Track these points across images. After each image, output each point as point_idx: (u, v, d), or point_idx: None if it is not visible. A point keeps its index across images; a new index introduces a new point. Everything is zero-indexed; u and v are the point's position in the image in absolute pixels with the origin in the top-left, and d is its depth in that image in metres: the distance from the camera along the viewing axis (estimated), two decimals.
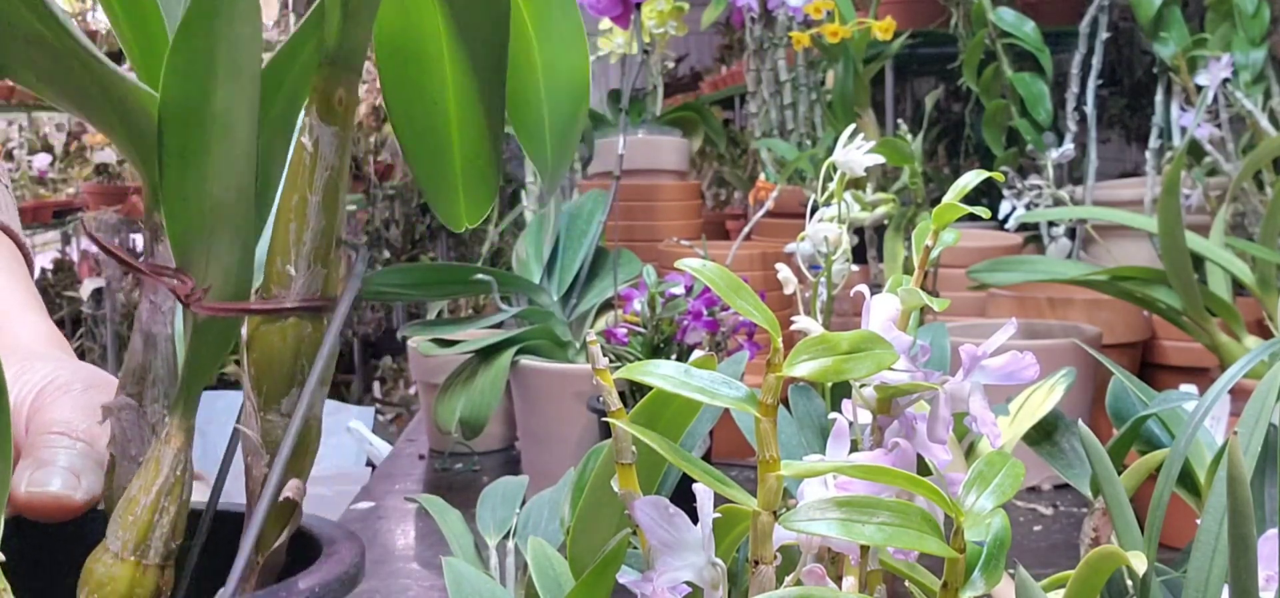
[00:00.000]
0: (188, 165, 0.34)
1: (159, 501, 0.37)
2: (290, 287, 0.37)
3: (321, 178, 0.37)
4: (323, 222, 0.37)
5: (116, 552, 0.37)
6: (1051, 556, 0.97)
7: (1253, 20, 1.32)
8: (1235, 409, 0.61)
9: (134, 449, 0.38)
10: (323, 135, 0.36)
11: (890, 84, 1.98)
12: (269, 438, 0.38)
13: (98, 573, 0.36)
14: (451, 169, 0.41)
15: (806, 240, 0.80)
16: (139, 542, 0.37)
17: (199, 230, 0.36)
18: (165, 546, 0.37)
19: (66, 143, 5.10)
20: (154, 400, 0.39)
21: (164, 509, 0.37)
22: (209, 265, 0.36)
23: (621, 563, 0.47)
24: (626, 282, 1.17)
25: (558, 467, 0.77)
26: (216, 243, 0.36)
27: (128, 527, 0.37)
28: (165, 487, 0.37)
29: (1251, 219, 1.24)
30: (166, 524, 0.37)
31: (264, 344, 0.37)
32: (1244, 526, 0.35)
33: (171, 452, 0.37)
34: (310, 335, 0.37)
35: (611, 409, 0.43)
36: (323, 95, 0.37)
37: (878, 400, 0.47)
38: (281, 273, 0.37)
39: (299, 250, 0.37)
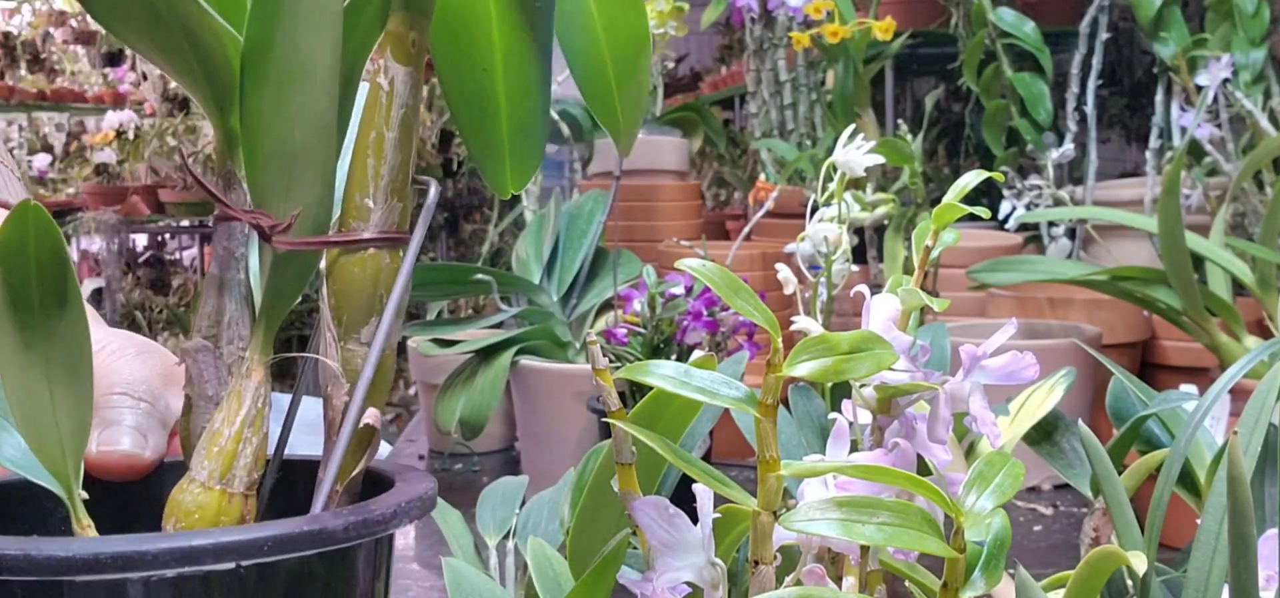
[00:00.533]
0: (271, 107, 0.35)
1: (242, 431, 0.38)
2: (369, 219, 0.39)
3: (397, 115, 0.38)
4: (399, 157, 0.39)
5: (203, 481, 0.38)
6: (1051, 556, 0.97)
7: (1253, 20, 1.33)
8: (1235, 409, 0.61)
9: (211, 390, 0.40)
10: (397, 75, 0.38)
11: (890, 84, 1.98)
12: (349, 367, 0.39)
13: (185, 502, 0.38)
14: (499, 134, 0.42)
15: (806, 240, 0.80)
16: (225, 471, 0.38)
17: (279, 170, 0.37)
18: (248, 475, 0.38)
19: (66, 143, 5.10)
20: (230, 342, 0.40)
21: (247, 439, 0.38)
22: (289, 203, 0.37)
23: (621, 563, 0.47)
24: (626, 282, 1.18)
25: (558, 467, 0.77)
26: (297, 181, 0.37)
27: (213, 457, 0.38)
28: (248, 418, 0.38)
29: (1251, 219, 1.24)
30: (249, 454, 0.38)
31: (344, 275, 0.39)
32: (1244, 526, 0.35)
33: (253, 385, 0.39)
34: (388, 266, 0.39)
35: (611, 409, 0.43)
36: (398, 38, 0.38)
37: (878, 400, 0.47)
38: (360, 206, 0.39)
39: (377, 184, 0.39)
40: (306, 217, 0.38)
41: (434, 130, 4.14)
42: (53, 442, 0.37)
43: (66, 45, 5.52)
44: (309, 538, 0.34)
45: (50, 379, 0.36)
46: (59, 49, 5.48)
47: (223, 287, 0.40)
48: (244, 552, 0.33)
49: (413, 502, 0.38)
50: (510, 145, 0.43)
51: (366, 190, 0.39)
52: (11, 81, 5.13)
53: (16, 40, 5.35)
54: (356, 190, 0.39)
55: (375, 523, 0.36)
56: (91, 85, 5.35)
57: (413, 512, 0.38)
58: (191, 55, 0.36)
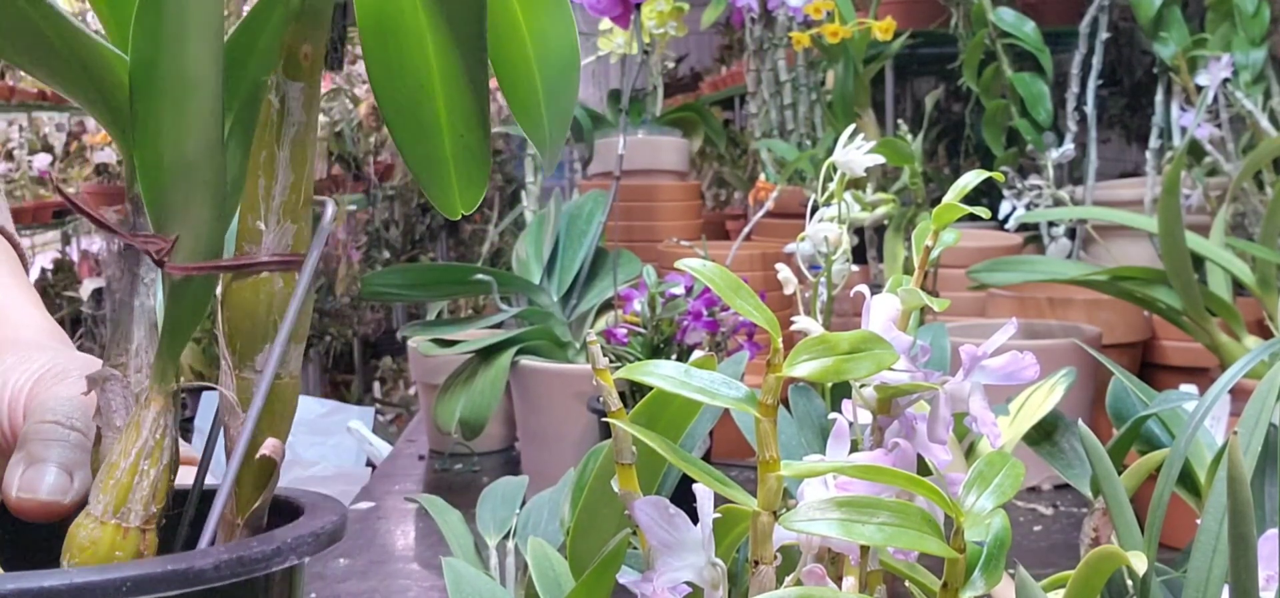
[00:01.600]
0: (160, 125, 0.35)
1: (138, 463, 0.37)
2: (261, 242, 0.37)
3: (289, 133, 0.37)
4: (291, 177, 0.37)
5: (98, 515, 0.37)
6: (1051, 556, 0.97)
7: (1253, 20, 1.33)
8: (1235, 409, 0.61)
9: (119, 420, 0.39)
10: (289, 91, 0.37)
11: (890, 84, 1.98)
12: (244, 396, 0.38)
13: (80, 538, 0.37)
14: (442, 150, 0.40)
15: (806, 240, 0.80)
16: (119, 504, 0.37)
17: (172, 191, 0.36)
18: (145, 508, 0.37)
19: (66, 143, 5.10)
20: (138, 370, 0.39)
21: (143, 472, 0.37)
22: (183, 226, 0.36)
23: (621, 563, 0.47)
24: (626, 282, 1.17)
25: (558, 467, 0.77)
26: (189, 203, 0.36)
27: (108, 490, 0.37)
28: (144, 449, 0.37)
29: (1251, 219, 1.24)
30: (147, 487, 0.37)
31: (237, 301, 0.38)
32: (1244, 526, 0.35)
33: (151, 415, 0.37)
34: (282, 291, 0.38)
35: (611, 409, 0.43)
36: (289, 51, 0.37)
37: (878, 400, 0.47)
38: (252, 229, 0.37)
39: (268, 206, 0.37)
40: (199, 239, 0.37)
41: None
42: None
43: None
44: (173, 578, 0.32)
45: None
46: None
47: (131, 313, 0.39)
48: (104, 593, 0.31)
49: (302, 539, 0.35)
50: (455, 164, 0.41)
51: (258, 212, 0.37)
52: (11, 81, 5.13)
53: None
54: (249, 213, 0.38)
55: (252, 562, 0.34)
56: None
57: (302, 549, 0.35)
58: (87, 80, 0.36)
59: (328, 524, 0.37)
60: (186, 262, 0.37)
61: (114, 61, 0.35)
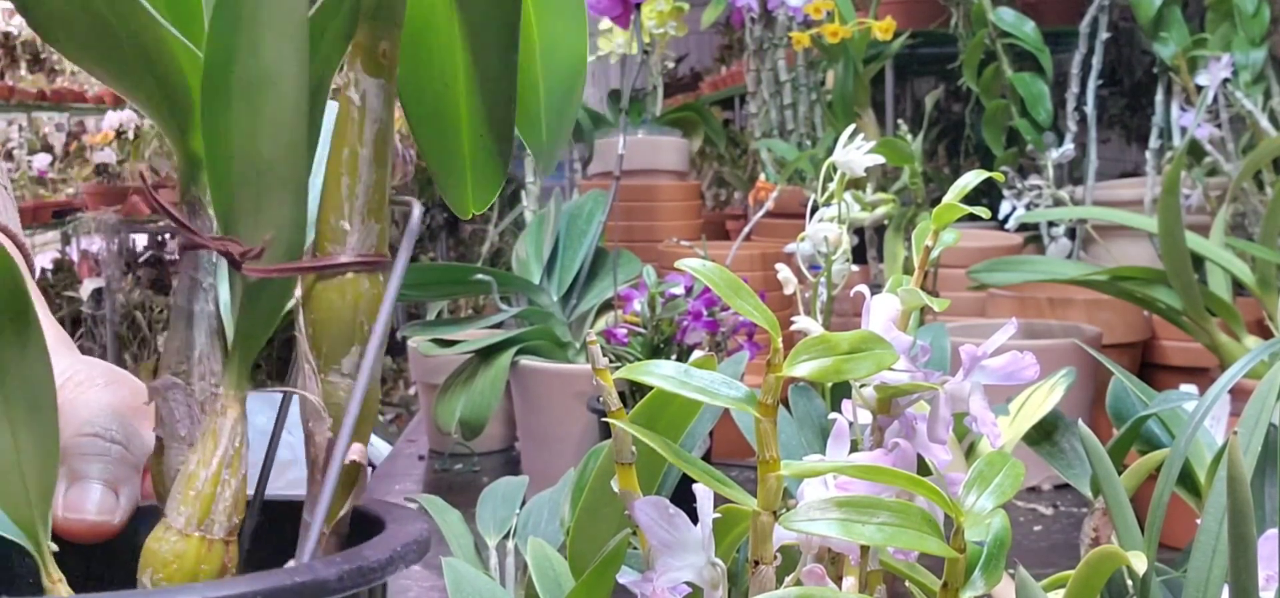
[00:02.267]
0: (234, 123, 0.34)
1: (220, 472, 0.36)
2: (345, 242, 0.37)
3: (371, 131, 0.36)
4: (374, 175, 0.37)
5: (180, 528, 0.36)
6: (1051, 556, 0.97)
7: (1253, 20, 1.32)
8: (1235, 409, 0.61)
9: (182, 429, 0.38)
10: (370, 88, 0.36)
11: (890, 84, 1.98)
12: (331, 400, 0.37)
13: (162, 552, 0.36)
14: (460, 153, 0.40)
15: (806, 240, 0.80)
16: (203, 517, 0.36)
17: (248, 192, 0.35)
18: (228, 519, 0.36)
19: (66, 143, 5.10)
20: (201, 378, 0.38)
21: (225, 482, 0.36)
22: (259, 227, 0.35)
23: (621, 563, 0.47)
24: (626, 282, 1.17)
25: (558, 467, 0.77)
26: (267, 203, 0.35)
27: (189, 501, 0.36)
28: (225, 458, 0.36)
29: (1251, 219, 1.24)
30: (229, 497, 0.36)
31: (322, 303, 0.37)
32: (1244, 526, 0.35)
33: (228, 423, 0.37)
34: (369, 292, 0.37)
35: (611, 409, 0.43)
36: (367, 50, 0.36)
37: (878, 400, 0.47)
38: (335, 229, 0.37)
39: (352, 205, 0.37)
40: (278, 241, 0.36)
41: None
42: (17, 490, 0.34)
43: None
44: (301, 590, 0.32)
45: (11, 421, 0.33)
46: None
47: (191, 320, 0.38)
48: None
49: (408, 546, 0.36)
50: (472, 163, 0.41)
51: (341, 212, 0.37)
52: (11, 81, 5.13)
53: (16, 40, 5.35)
54: (331, 212, 0.37)
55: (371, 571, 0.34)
56: (91, 85, 5.35)
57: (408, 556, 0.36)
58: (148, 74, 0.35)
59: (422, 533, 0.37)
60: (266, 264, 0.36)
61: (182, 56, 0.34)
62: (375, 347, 0.37)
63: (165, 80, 0.35)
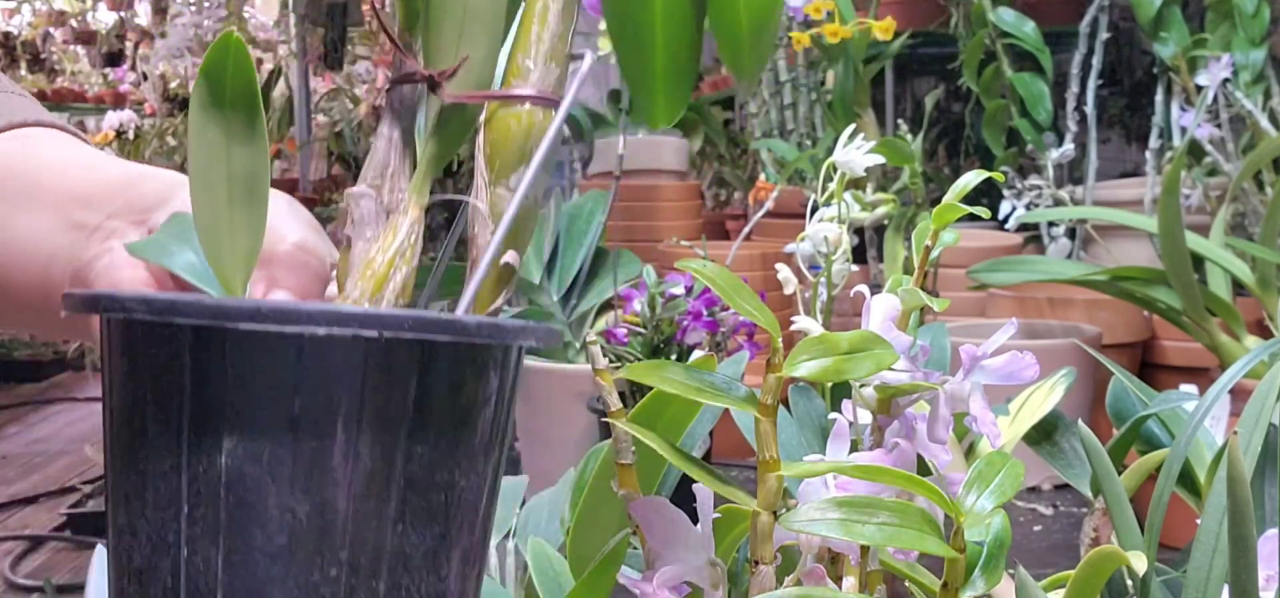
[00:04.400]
0: None
1: (394, 259, 0.42)
2: (528, 79, 0.42)
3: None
4: (560, 26, 0.43)
5: (355, 299, 0.42)
6: (1051, 556, 0.97)
7: (1253, 20, 1.33)
8: (1235, 409, 0.61)
9: (369, 231, 0.43)
10: None
11: (890, 84, 1.99)
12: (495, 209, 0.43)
13: None
14: (653, 68, 0.45)
15: (806, 240, 0.80)
16: (375, 293, 0.42)
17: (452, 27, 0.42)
18: (396, 299, 0.42)
19: None
20: (391, 191, 0.44)
21: (397, 267, 0.42)
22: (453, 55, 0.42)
23: (621, 563, 0.47)
24: (626, 282, 1.18)
25: (558, 467, 0.77)
26: (468, 40, 0.42)
27: (366, 279, 0.42)
28: (400, 249, 0.42)
29: (1251, 219, 1.24)
30: (398, 281, 0.42)
31: (499, 127, 0.43)
32: (1244, 526, 0.35)
33: (407, 222, 0.43)
34: (541, 122, 0.43)
35: (611, 409, 0.43)
36: None
37: (878, 400, 0.47)
38: (521, 67, 0.43)
39: (538, 49, 0.42)
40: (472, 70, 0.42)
41: None
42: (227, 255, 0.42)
43: (66, 45, 5.52)
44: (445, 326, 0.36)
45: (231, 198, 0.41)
46: (59, 49, 5.48)
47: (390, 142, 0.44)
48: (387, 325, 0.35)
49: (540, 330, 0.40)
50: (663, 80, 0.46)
51: (528, 53, 0.42)
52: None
53: (16, 40, 5.35)
54: (520, 52, 0.43)
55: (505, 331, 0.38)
56: (91, 85, 5.35)
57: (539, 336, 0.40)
58: None
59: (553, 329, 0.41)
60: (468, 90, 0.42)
61: None
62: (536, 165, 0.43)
63: None
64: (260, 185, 0.42)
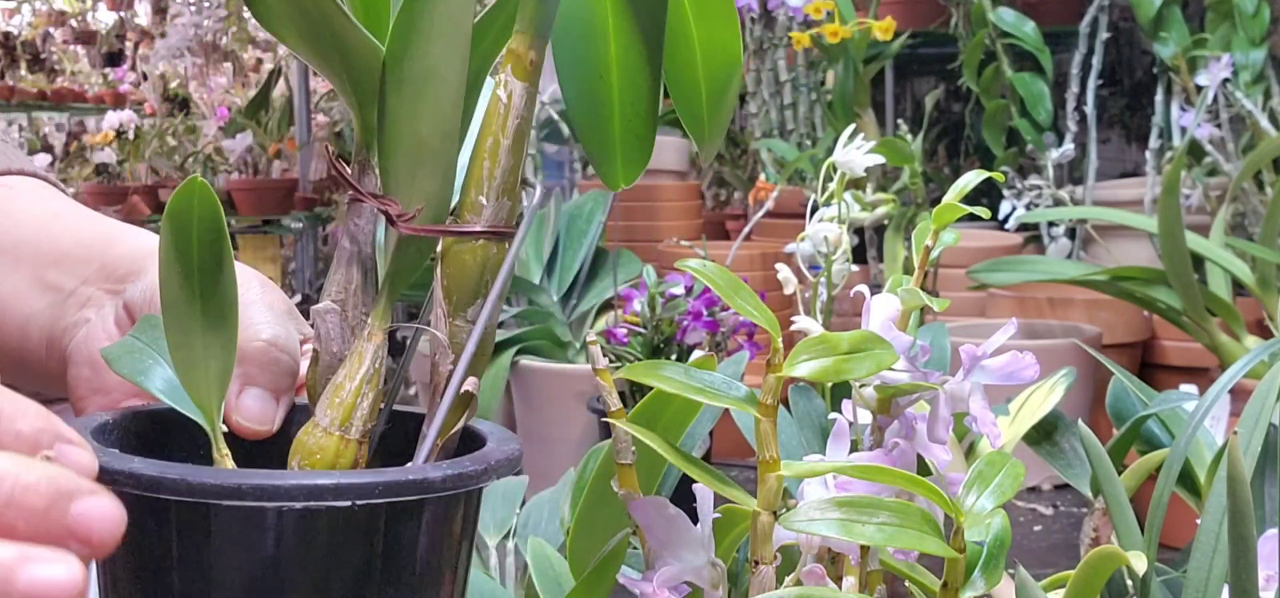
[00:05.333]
0: (404, 109, 0.42)
1: (361, 386, 0.44)
2: (481, 214, 0.44)
3: (512, 125, 0.43)
4: (511, 161, 0.44)
5: (325, 427, 0.44)
6: (1051, 556, 0.97)
7: (1253, 20, 1.33)
8: (1235, 409, 0.61)
9: (335, 347, 0.45)
10: (516, 90, 0.43)
11: (890, 84, 1.99)
12: (454, 340, 0.44)
13: (309, 444, 0.44)
14: (611, 135, 0.47)
15: (806, 240, 0.80)
16: (344, 420, 0.44)
17: (407, 163, 0.43)
18: (363, 424, 0.44)
19: (66, 143, 5.10)
20: (354, 308, 0.45)
21: (364, 394, 0.44)
22: (414, 193, 0.43)
23: (621, 563, 0.47)
24: (626, 282, 1.18)
25: (558, 467, 0.77)
26: (422, 174, 0.43)
27: (335, 407, 0.44)
28: (367, 376, 0.44)
29: (1251, 219, 1.24)
30: (366, 407, 0.44)
31: (456, 261, 0.44)
32: (1244, 526, 0.35)
33: (372, 347, 0.45)
34: (494, 256, 0.44)
35: (611, 409, 0.43)
36: (519, 57, 0.43)
37: (878, 400, 0.47)
38: (474, 202, 0.44)
39: (490, 184, 0.44)
40: (429, 207, 0.43)
41: None
42: (201, 380, 0.44)
43: (66, 45, 5.52)
44: (414, 486, 0.39)
45: (204, 328, 0.43)
46: (59, 49, 5.48)
47: (351, 260, 0.46)
48: (360, 493, 0.38)
49: (501, 461, 0.43)
50: (621, 145, 0.47)
51: (481, 189, 0.44)
52: (11, 81, 5.13)
53: (16, 40, 5.35)
54: (473, 188, 0.44)
55: (469, 477, 0.41)
56: (91, 85, 5.35)
57: (502, 470, 0.43)
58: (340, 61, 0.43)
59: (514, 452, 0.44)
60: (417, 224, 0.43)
61: (368, 49, 0.42)
62: (493, 300, 0.44)
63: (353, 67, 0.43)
64: (230, 313, 0.44)
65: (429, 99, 0.42)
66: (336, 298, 0.45)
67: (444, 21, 0.41)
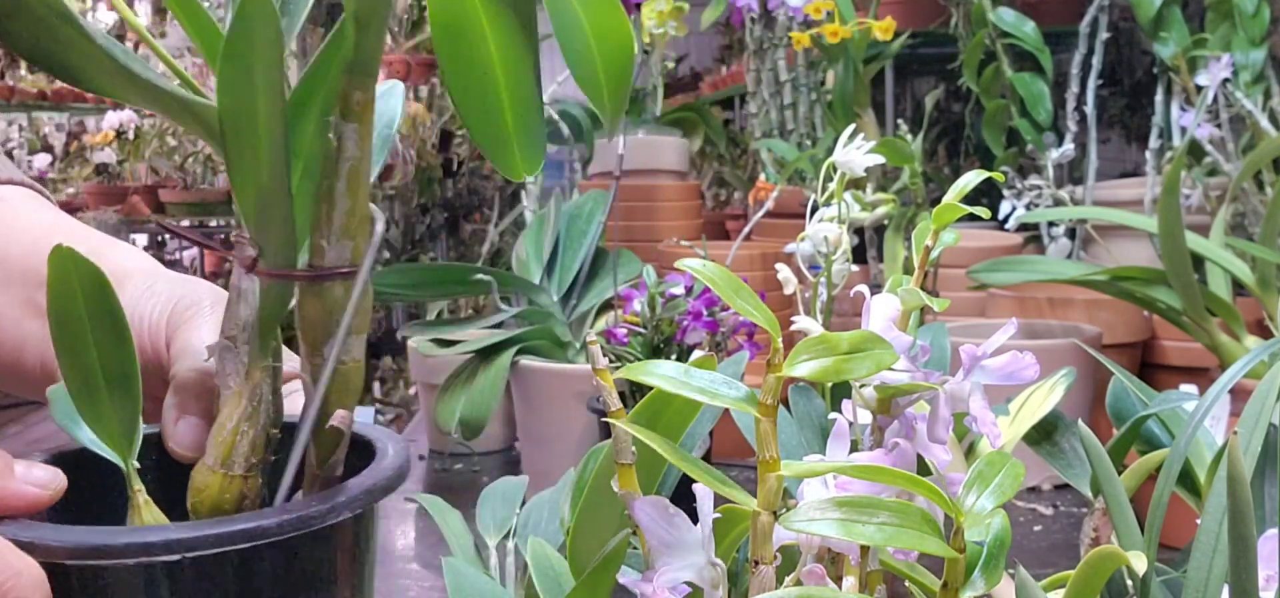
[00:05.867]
0: (243, 161, 0.43)
1: (239, 425, 0.46)
2: (325, 257, 0.45)
3: (344, 167, 0.44)
4: (347, 203, 0.45)
5: (210, 465, 0.46)
6: (1051, 556, 0.97)
7: (1253, 20, 1.33)
8: (1235, 409, 0.61)
9: (232, 382, 0.47)
10: (344, 132, 0.44)
11: (890, 84, 1.98)
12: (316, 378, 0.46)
13: (197, 481, 0.47)
14: (505, 127, 0.48)
15: (806, 240, 0.80)
16: (225, 457, 0.46)
17: (258, 212, 0.45)
18: (246, 460, 0.46)
19: (66, 143, 5.10)
20: (245, 343, 0.47)
21: (243, 432, 0.46)
22: (267, 239, 0.45)
23: (621, 563, 0.47)
24: (626, 282, 1.17)
25: (558, 467, 0.77)
26: (267, 222, 0.45)
27: (217, 445, 0.46)
28: (244, 414, 0.46)
29: (1251, 219, 1.24)
30: (246, 444, 0.46)
31: (306, 303, 0.46)
32: (1244, 526, 0.35)
33: (250, 388, 0.47)
34: (342, 295, 0.46)
35: (611, 409, 0.43)
36: (343, 98, 0.44)
37: (878, 400, 0.47)
38: (318, 246, 0.45)
39: (330, 227, 0.45)
40: (278, 251, 0.45)
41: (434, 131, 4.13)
42: (110, 431, 0.47)
43: None
44: (243, 534, 0.41)
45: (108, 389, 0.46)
46: None
47: (240, 297, 0.47)
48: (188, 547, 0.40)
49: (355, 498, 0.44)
50: (516, 136, 0.48)
51: (322, 233, 0.45)
52: (11, 81, 5.13)
53: None
54: (315, 233, 0.45)
55: (311, 518, 0.43)
56: None
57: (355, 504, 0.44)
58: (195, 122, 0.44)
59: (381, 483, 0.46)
60: (270, 268, 0.46)
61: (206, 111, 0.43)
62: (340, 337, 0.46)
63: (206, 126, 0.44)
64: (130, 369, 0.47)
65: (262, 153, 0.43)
66: (229, 335, 0.47)
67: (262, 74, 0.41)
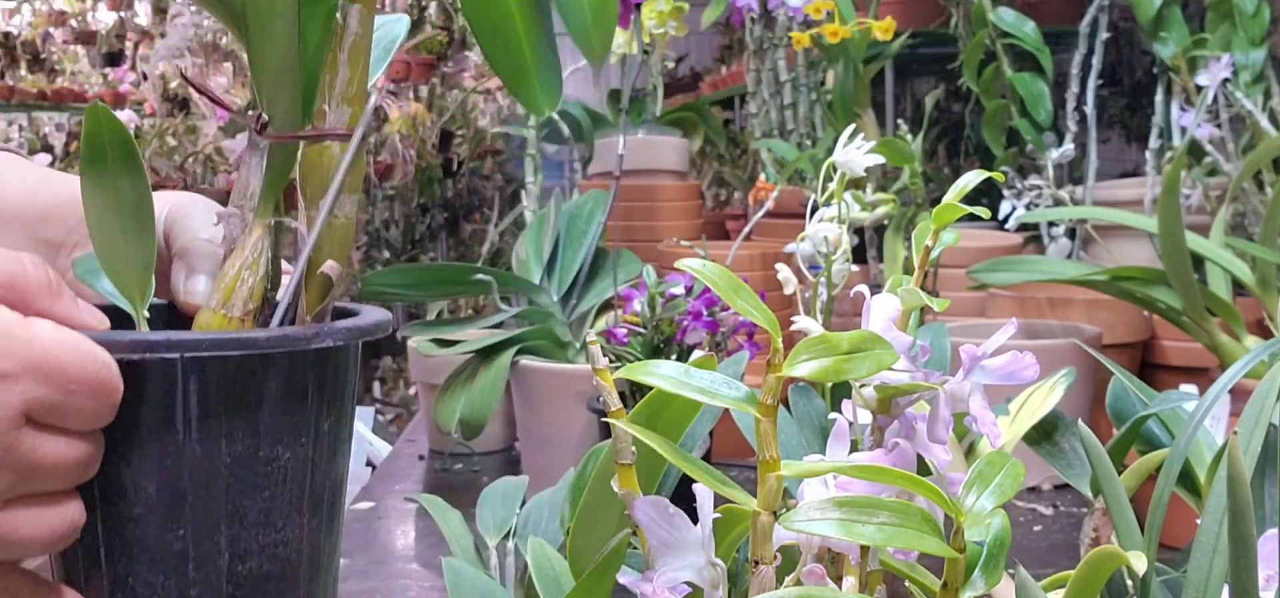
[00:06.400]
0: (261, 39, 0.50)
1: (240, 272, 0.52)
2: (325, 120, 0.51)
3: (348, 41, 0.51)
4: (348, 73, 0.51)
5: (212, 307, 0.52)
6: (1051, 556, 0.97)
7: (1253, 20, 1.32)
8: (1235, 409, 0.61)
9: (237, 240, 0.53)
10: (350, 11, 0.51)
11: (890, 84, 1.99)
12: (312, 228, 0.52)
13: (200, 320, 0.53)
14: (524, 60, 0.53)
15: (806, 240, 0.80)
16: (226, 299, 0.52)
17: (268, 82, 0.51)
18: (244, 305, 0.52)
19: (66, 143, 5.10)
20: (251, 209, 0.53)
21: (244, 279, 0.52)
22: (274, 107, 0.51)
23: (621, 563, 0.47)
24: (626, 282, 1.17)
25: (558, 467, 0.77)
26: (279, 91, 0.51)
27: (220, 290, 0.52)
28: (245, 264, 0.52)
29: (1251, 219, 1.24)
30: (245, 290, 0.52)
31: (307, 160, 0.52)
32: (1244, 526, 0.35)
33: (252, 241, 0.52)
34: (337, 156, 0.52)
35: (611, 409, 0.43)
36: None
37: (878, 400, 0.47)
38: (320, 110, 0.52)
39: (331, 94, 0.51)
40: (286, 116, 0.51)
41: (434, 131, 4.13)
42: (125, 272, 0.52)
43: (66, 45, 5.52)
44: (237, 343, 0.48)
45: (123, 228, 0.51)
46: (59, 49, 5.48)
47: (248, 168, 0.53)
48: (187, 347, 0.47)
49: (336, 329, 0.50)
50: (535, 69, 0.53)
51: (325, 98, 0.52)
52: (11, 81, 5.13)
53: (16, 40, 5.35)
54: (319, 99, 0.52)
55: (295, 339, 0.49)
56: (91, 85, 5.35)
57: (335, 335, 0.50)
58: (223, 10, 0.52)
59: (363, 324, 0.52)
60: (276, 132, 0.52)
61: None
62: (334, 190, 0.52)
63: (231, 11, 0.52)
64: (146, 210, 0.52)
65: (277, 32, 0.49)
66: (237, 203, 0.53)
67: None
